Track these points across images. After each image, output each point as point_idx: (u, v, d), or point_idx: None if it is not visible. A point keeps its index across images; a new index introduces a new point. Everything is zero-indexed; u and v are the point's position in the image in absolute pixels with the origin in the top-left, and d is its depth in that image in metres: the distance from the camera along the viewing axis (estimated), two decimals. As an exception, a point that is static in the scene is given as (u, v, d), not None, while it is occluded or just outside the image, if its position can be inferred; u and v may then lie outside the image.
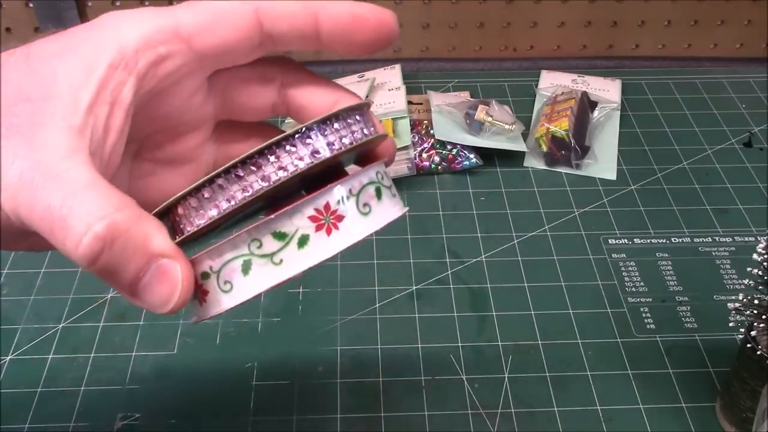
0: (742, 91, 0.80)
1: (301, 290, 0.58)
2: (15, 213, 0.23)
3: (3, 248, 0.28)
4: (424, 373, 0.53)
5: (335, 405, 0.51)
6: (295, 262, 0.25)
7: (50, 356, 0.54)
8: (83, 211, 0.23)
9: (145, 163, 0.30)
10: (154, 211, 0.25)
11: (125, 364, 0.53)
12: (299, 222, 0.25)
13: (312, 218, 0.25)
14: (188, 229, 0.25)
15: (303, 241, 0.25)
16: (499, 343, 0.55)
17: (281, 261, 0.25)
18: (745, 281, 0.46)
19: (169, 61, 0.26)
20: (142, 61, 0.25)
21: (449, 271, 0.60)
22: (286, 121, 0.75)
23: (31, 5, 0.80)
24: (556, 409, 0.51)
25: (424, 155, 0.69)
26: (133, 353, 0.54)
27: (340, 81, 0.79)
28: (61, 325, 0.56)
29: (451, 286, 0.59)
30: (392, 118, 0.71)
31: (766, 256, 0.44)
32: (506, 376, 0.53)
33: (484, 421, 0.50)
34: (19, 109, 0.24)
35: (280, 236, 0.25)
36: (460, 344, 0.55)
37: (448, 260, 0.61)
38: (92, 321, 0.56)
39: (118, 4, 0.80)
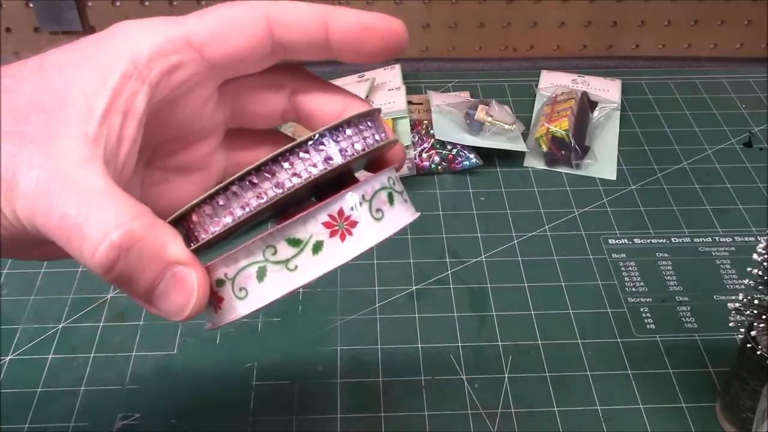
0: (742, 91, 0.80)
1: (301, 290, 0.58)
2: (31, 221, 0.23)
3: (16, 257, 0.28)
4: (424, 373, 0.53)
5: (335, 405, 0.51)
6: (310, 268, 0.25)
7: (50, 356, 0.54)
8: (99, 219, 0.23)
9: (156, 171, 0.30)
10: (168, 219, 0.25)
11: (125, 364, 0.53)
12: (313, 228, 0.25)
13: (326, 224, 0.25)
14: (203, 236, 0.26)
15: (317, 247, 0.25)
16: (499, 343, 0.55)
17: (296, 267, 0.25)
18: (745, 281, 0.46)
19: (182, 70, 0.26)
20: (155, 71, 0.25)
21: (449, 271, 0.60)
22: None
23: (31, 5, 0.80)
24: (556, 409, 0.51)
25: (424, 155, 0.69)
26: (133, 353, 0.54)
27: (340, 81, 0.79)
28: (61, 325, 0.56)
29: (451, 286, 0.59)
30: (392, 118, 0.71)
31: (766, 256, 0.44)
32: (506, 376, 0.53)
33: (484, 421, 0.50)
34: (33, 119, 0.24)
35: (295, 242, 0.25)
36: (460, 344, 0.55)
37: (448, 260, 0.61)
38: (92, 321, 0.56)
39: (118, 4, 0.80)
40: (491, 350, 0.54)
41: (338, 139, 0.26)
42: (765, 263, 0.44)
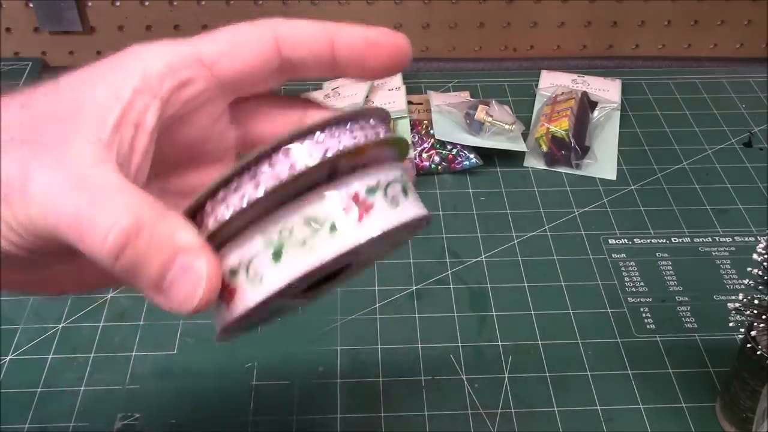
0: (742, 91, 0.80)
1: (301, 290, 0.58)
2: (44, 225, 0.23)
3: (35, 288, 0.28)
4: (424, 373, 0.53)
5: (335, 405, 0.51)
6: (327, 247, 0.24)
7: (50, 356, 0.54)
8: (110, 208, 0.23)
9: (168, 196, 0.30)
10: (182, 210, 0.25)
11: (125, 364, 0.53)
12: (330, 208, 0.24)
13: (343, 205, 0.25)
14: (213, 223, 0.25)
15: (334, 227, 0.24)
16: (499, 343, 0.55)
17: (313, 247, 0.24)
18: (745, 281, 0.46)
19: (192, 86, 0.26)
20: (166, 86, 0.25)
21: (449, 271, 0.60)
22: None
23: (31, 5, 0.80)
24: (556, 409, 0.51)
25: (424, 155, 0.69)
26: (133, 353, 0.54)
27: (341, 81, 0.79)
28: (61, 325, 0.56)
29: (451, 286, 0.59)
30: (392, 118, 0.71)
31: (766, 256, 0.44)
32: (506, 376, 0.53)
33: (484, 421, 0.50)
34: (48, 128, 0.24)
35: (312, 221, 0.24)
36: (460, 344, 0.55)
37: (448, 260, 0.61)
38: (92, 321, 0.56)
39: (118, 4, 0.80)
40: (491, 350, 0.54)
41: (353, 127, 0.25)
42: (765, 263, 0.44)
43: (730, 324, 0.45)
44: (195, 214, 0.25)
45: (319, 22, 0.27)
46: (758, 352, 0.43)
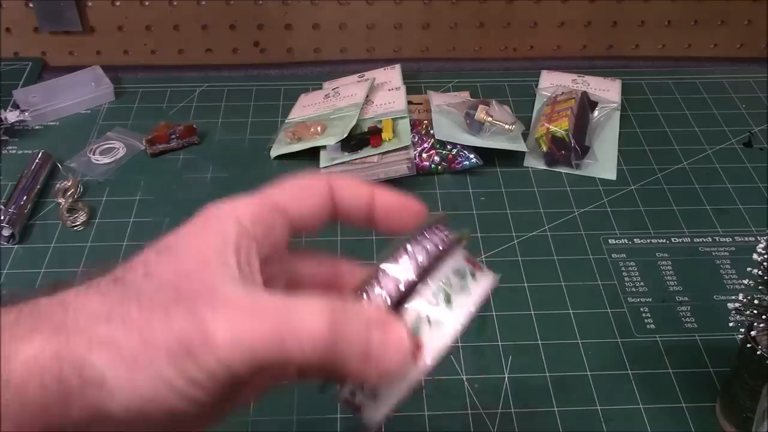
0: (742, 91, 0.80)
1: (301, 290, 0.58)
2: (240, 357, 0.26)
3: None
4: (424, 373, 0.53)
5: (335, 405, 0.51)
6: (478, 287, 0.31)
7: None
8: (301, 311, 0.27)
9: None
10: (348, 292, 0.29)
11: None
12: (463, 263, 0.31)
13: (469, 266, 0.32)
14: (386, 295, 0.29)
15: (473, 274, 0.32)
16: (499, 343, 0.55)
17: (468, 288, 0.31)
18: (745, 281, 0.46)
19: (274, 228, 0.31)
20: (258, 230, 0.30)
21: (449, 271, 0.60)
22: (285, 120, 0.75)
23: (31, 5, 0.80)
24: (556, 409, 0.51)
25: (424, 155, 0.69)
26: (133, 353, 0.54)
27: (341, 81, 0.79)
28: (61, 325, 0.56)
29: (451, 286, 0.59)
30: (392, 118, 0.71)
31: (766, 256, 0.44)
32: (506, 376, 0.53)
33: (484, 421, 0.50)
34: (186, 286, 0.27)
35: (459, 274, 0.31)
36: (460, 344, 0.55)
37: (448, 260, 0.61)
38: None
39: (117, 4, 0.80)
40: (491, 350, 0.54)
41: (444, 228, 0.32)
42: (765, 263, 0.44)
43: (730, 324, 0.45)
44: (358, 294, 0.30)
45: (364, 182, 0.33)
46: (758, 352, 0.43)
